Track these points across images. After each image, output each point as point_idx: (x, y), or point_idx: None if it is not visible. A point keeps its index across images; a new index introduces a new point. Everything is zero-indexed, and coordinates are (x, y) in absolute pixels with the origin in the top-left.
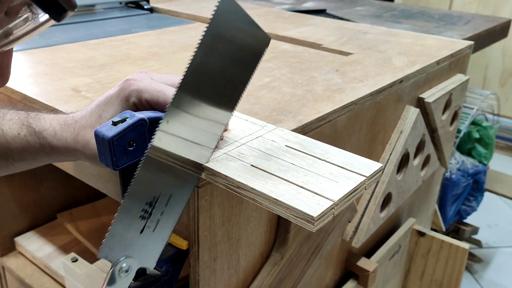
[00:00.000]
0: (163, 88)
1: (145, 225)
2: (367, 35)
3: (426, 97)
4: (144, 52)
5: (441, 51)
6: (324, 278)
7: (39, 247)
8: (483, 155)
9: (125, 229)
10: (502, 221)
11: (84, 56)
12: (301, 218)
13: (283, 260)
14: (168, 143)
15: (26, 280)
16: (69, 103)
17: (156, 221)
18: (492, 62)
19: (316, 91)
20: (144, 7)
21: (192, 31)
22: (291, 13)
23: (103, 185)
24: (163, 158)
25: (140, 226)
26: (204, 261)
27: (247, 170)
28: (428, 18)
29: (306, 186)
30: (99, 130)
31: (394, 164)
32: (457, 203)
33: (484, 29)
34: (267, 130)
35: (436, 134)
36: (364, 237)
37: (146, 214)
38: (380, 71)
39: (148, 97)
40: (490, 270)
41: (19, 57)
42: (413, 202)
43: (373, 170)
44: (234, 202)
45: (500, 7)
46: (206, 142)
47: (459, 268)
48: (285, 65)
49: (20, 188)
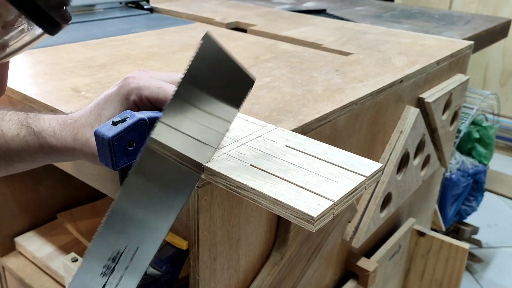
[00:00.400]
0: (163, 85)
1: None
2: (367, 35)
3: (426, 97)
4: (144, 52)
5: (441, 51)
6: (324, 278)
7: (39, 247)
8: (483, 155)
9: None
10: (502, 221)
11: (84, 56)
12: (301, 218)
13: (283, 260)
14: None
15: (26, 280)
16: (69, 103)
17: (120, 277)
18: (492, 62)
19: (316, 91)
20: (144, 7)
21: (192, 31)
22: (291, 13)
23: (103, 185)
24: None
25: (101, 284)
26: (204, 261)
27: (247, 170)
28: (428, 18)
29: (306, 186)
30: (99, 130)
31: (394, 164)
32: (457, 203)
33: (484, 29)
34: (267, 130)
35: (436, 134)
36: (364, 237)
37: (107, 270)
38: (380, 71)
39: (148, 94)
40: (490, 270)
41: (19, 57)
42: (413, 202)
43: (373, 170)
44: (234, 202)
45: (500, 7)
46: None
47: (459, 268)
48: (285, 65)
49: (20, 188)
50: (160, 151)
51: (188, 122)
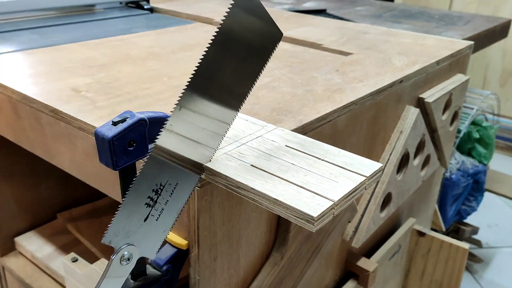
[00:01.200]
0: None
1: (149, 213)
2: (367, 35)
3: (426, 97)
4: (144, 52)
5: (441, 51)
6: (324, 278)
7: (39, 247)
8: (483, 155)
9: (130, 216)
10: (502, 221)
11: (84, 56)
12: (301, 218)
13: (283, 260)
14: (172, 142)
15: (26, 280)
16: (69, 103)
17: (160, 210)
18: (492, 62)
19: (316, 91)
20: (144, 7)
21: (192, 31)
22: (291, 13)
23: (103, 185)
24: (165, 156)
25: (145, 214)
26: (204, 261)
27: (247, 170)
28: (428, 18)
29: (306, 186)
30: (99, 130)
31: (394, 164)
32: (457, 203)
33: (484, 29)
34: (267, 130)
35: (436, 134)
36: (364, 237)
37: (151, 201)
38: (380, 71)
39: None
40: (490, 270)
41: (19, 57)
42: (413, 202)
43: (373, 170)
44: (234, 202)
45: (500, 7)
46: (209, 142)
47: (459, 268)
48: (285, 65)
49: (20, 188)
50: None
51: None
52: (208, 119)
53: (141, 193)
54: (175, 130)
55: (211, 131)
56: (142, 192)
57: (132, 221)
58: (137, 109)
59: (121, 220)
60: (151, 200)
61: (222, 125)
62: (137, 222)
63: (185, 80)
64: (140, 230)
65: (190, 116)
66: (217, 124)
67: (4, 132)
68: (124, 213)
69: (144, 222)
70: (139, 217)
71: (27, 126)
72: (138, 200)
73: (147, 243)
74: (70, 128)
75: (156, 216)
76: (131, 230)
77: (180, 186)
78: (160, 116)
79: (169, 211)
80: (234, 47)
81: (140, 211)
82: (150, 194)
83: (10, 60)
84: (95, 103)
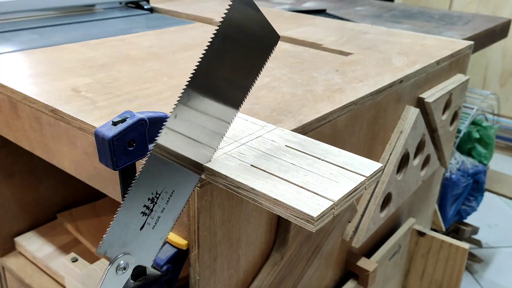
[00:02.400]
0: None
1: (145, 222)
2: (367, 35)
3: (426, 97)
4: (144, 52)
5: (441, 51)
6: (324, 278)
7: (39, 247)
8: (483, 155)
9: (126, 225)
10: (502, 221)
11: (84, 56)
12: (301, 218)
13: (283, 260)
14: (172, 141)
15: (26, 280)
16: (69, 103)
17: (157, 218)
18: (492, 62)
19: (316, 91)
20: (144, 7)
21: (192, 31)
22: (291, 13)
23: (103, 185)
24: (165, 156)
25: (141, 223)
26: (204, 261)
27: (247, 170)
28: (428, 18)
29: (306, 186)
30: (99, 130)
31: (394, 164)
32: (457, 203)
33: (484, 29)
34: (267, 130)
35: (436, 134)
36: (364, 237)
37: (147, 210)
38: (380, 71)
39: None
40: (490, 270)
41: (19, 57)
42: (413, 202)
43: (373, 170)
44: (234, 202)
45: (500, 7)
46: (210, 142)
47: (459, 268)
48: (285, 65)
49: (20, 188)
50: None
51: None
52: (208, 117)
53: (136, 202)
54: (175, 128)
55: (211, 130)
56: (138, 201)
57: (128, 230)
58: (137, 109)
59: (116, 230)
60: (147, 209)
61: (222, 124)
62: (133, 231)
63: (185, 80)
64: (136, 239)
65: (190, 115)
66: (217, 123)
67: (4, 132)
68: (119, 223)
69: (140, 231)
70: (134, 226)
71: (27, 126)
72: (133, 209)
73: (144, 251)
74: (70, 128)
75: (153, 224)
76: (127, 239)
77: (176, 193)
78: (160, 116)
79: (165, 218)
80: (233, 46)
81: (136, 220)
82: (146, 203)
83: (10, 60)
84: (95, 103)
